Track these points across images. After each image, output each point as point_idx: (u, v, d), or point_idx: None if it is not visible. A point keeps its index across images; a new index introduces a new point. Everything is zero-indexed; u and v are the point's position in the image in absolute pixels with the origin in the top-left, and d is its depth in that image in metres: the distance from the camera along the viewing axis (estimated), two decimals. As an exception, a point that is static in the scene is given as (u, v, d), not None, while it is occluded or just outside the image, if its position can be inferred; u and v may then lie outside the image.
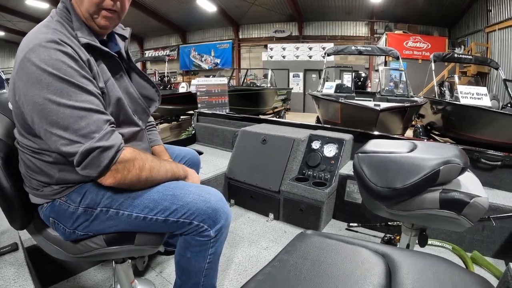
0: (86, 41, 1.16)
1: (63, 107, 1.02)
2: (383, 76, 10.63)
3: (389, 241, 2.26)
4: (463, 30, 15.48)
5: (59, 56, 1.04)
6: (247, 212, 2.94)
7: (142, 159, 1.19)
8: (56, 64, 1.03)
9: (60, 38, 1.08)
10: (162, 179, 1.29)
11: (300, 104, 17.25)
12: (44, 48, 1.03)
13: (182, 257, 1.37)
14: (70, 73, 1.04)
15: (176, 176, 1.36)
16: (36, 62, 1.01)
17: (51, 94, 1.01)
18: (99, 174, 1.09)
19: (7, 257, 1.58)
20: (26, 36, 1.11)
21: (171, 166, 1.36)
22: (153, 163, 1.24)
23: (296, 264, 0.86)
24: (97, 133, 1.05)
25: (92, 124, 1.05)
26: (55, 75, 1.02)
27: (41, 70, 1.01)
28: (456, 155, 1.33)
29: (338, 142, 2.84)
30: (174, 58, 22.92)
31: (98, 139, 1.05)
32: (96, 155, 1.05)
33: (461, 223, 1.32)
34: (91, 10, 1.18)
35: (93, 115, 1.06)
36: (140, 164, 1.18)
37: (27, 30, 7.35)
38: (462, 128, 6.50)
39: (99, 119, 1.07)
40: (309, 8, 17.38)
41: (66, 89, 1.03)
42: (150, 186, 1.26)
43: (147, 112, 1.46)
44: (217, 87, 7.56)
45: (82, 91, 1.06)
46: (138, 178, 1.18)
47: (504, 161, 2.50)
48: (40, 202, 1.27)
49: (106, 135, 1.07)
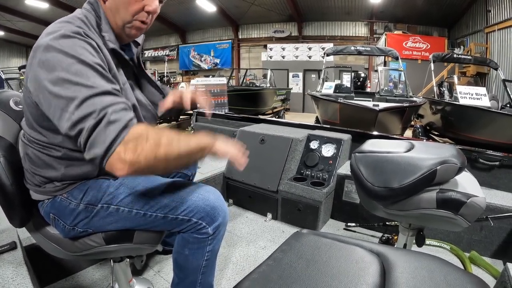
0: (113, 46, 1.20)
1: (80, 86, 0.99)
2: (383, 77, 10.62)
3: (387, 241, 2.26)
4: (463, 30, 15.50)
5: (83, 45, 1.05)
6: (245, 212, 2.94)
7: (157, 133, 1.04)
8: (79, 50, 1.03)
9: (85, 31, 1.09)
10: (187, 151, 1.10)
11: (300, 104, 17.26)
12: (69, 38, 1.04)
13: (180, 255, 1.38)
14: (91, 59, 1.04)
15: (202, 145, 1.16)
16: (59, 48, 1.01)
17: (71, 74, 0.99)
18: (105, 151, 0.97)
19: (5, 255, 1.58)
20: (46, 29, 1.10)
21: (191, 137, 1.15)
22: (170, 135, 1.07)
23: (290, 263, 0.86)
24: (107, 109, 0.99)
25: (106, 103, 1.00)
26: (76, 58, 1.01)
27: (63, 54, 1.01)
28: (453, 155, 1.33)
29: (336, 142, 2.84)
30: (173, 58, 22.92)
31: (107, 114, 0.99)
32: (102, 129, 0.97)
33: (458, 223, 1.32)
34: (126, 20, 1.22)
35: (109, 96, 1.02)
36: (155, 138, 1.02)
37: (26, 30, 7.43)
38: (461, 128, 6.51)
39: (114, 100, 1.03)
40: (308, 8, 17.38)
41: (86, 71, 1.01)
42: (176, 163, 1.13)
43: (156, 118, 1.48)
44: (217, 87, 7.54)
45: (101, 76, 1.04)
46: (155, 155, 1.01)
47: (503, 161, 2.50)
48: (41, 199, 1.28)
49: (116, 111, 1.01)
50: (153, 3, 1.24)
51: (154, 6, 1.24)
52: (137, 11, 1.21)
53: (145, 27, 1.29)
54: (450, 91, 8.26)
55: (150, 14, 1.26)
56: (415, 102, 7.46)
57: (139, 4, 1.20)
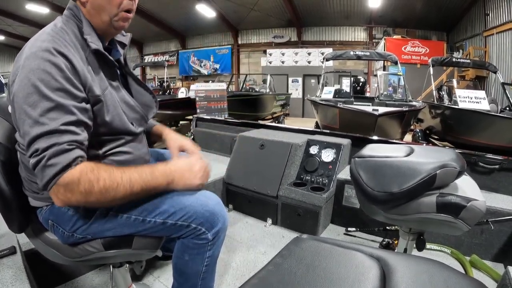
0: (96, 47, 1.21)
1: (31, 120, 1.02)
2: (382, 81, 10.65)
3: (387, 246, 2.26)
4: (461, 34, 15.56)
5: (46, 67, 1.05)
6: (245, 217, 2.93)
7: (90, 181, 1.06)
8: (41, 75, 1.04)
9: (55, 47, 1.08)
10: (125, 196, 1.13)
11: (299, 109, 17.28)
12: (36, 57, 1.06)
13: (180, 260, 1.38)
14: (52, 86, 1.05)
15: (149, 187, 1.19)
16: (26, 70, 1.04)
17: (27, 105, 1.03)
18: (43, 187, 1.05)
19: (4, 260, 1.58)
20: (29, 41, 1.14)
21: (143, 178, 1.17)
22: (107, 183, 1.09)
23: (290, 268, 0.85)
24: (48, 147, 1.02)
25: (48, 140, 1.02)
26: (36, 88, 1.03)
27: (27, 80, 1.03)
28: (453, 158, 1.33)
29: (336, 147, 2.84)
30: (173, 63, 22.98)
31: (46, 154, 1.02)
32: (40, 169, 1.03)
33: (458, 227, 1.31)
34: (112, 13, 1.23)
35: (54, 136, 1.03)
36: (87, 187, 1.05)
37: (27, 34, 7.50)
38: (461, 132, 6.51)
39: (58, 139, 1.03)
40: (307, 14, 17.46)
41: (41, 104, 1.03)
42: (113, 204, 1.17)
43: (145, 119, 1.46)
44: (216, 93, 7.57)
45: (55, 109, 1.04)
46: (85, 201, 1.08)
47: (502, 165, 2.50)
48: (39, 205, 1.28)
49: (56, 152, 1.02)
50: None
51: (128, 4, 1.25)
52: (120, 1, 1.22)
53: (131, 16, 1.30)
54: (450, 95, 8.28)
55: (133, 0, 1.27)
56: (414, 106, 7.46)
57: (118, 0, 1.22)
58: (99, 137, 1.23)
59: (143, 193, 1.19)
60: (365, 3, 14.68)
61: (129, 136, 1.34)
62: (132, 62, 21.13)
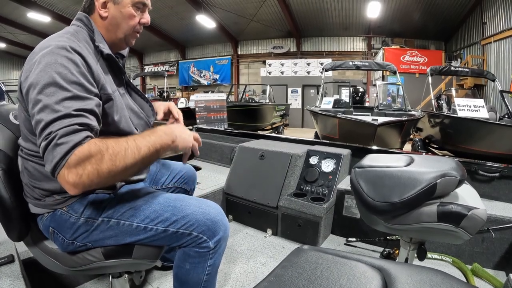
0: (108, 52, 1.31)
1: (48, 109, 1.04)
2: (381, 91, 10.70)
3: (388, 255, 2.25)
4: (459, 43, 15.66)
5: (63, 61, 1.10)
6: (245, 228, 2.92)
7: (99, 150, 1.05)
8: (58, 68, 1.08)
9: (71, 45, 1.14)
10: (135, 160, 1.12)
11: (299, 119, 17.31)
12: (52, 53, 1.10)
13: (181, 269, 1.38)
14: (69, 79, 1.08)
15: (157, 147, 1.18)
16: (43, 65, 1.08)
17: (44, 95, 1.05)
18: (51, 170, 1.02)
19: (2, 269, 1.58)
20: (42, 41, 1.19)
21: (148, 140, 1.17)
22: (116, 148, 1.08)
23: (292, 279, 0.85)
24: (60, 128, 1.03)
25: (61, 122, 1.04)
26: (53, 79, 1.06)
27: (44, 72, 1.07)
28: (453, 167, 1.33)
29: (335, 157, 2.84)
30: (173, 73, 23.05)
31: (56, 137, 1.02)
32: (50, 149, 1.01)
33: (459, 236, 1.31)
34: (128, 33, 1.39)
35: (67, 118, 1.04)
36: (97, 156, 1.04)
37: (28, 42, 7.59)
38: (461, 141, 6.52)
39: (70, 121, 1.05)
40: (307, 24, 17.59)
41: (57, 94, 1.05)
42: (126, 173, 1.13)
43: (149, 125, 1.51)
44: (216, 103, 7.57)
45: (71, 99, 1.07)
46: (97, 174, 1.04)
47: (502, 172, 2.50)
48: (40, 212, 1.29)
49: (66, 132, 1.03)
50: (147, 16, 1.42)
51: (148, 18, 1.43)
52: (136, 24, 1.38)
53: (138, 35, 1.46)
54: (448, 103, 8.29)
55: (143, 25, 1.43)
56: (413, 115, 7.49)
57: (137, 19, 1.37)
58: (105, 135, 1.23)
59: (151, 155, 1.17)
60: (364, 13, 14.80)
61: None
62: (132, 72, 21.29)
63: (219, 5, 16.36)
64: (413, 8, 14.37)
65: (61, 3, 15.57)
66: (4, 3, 14.73)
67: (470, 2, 13.38)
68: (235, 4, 16.13)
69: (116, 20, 1.34)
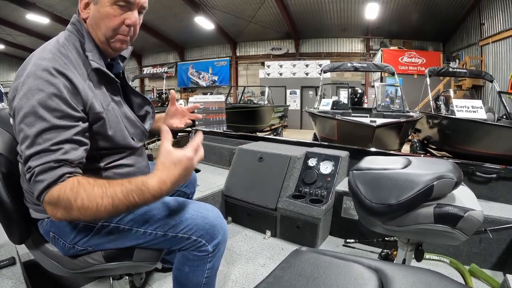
0: (97, 66, 1.22)
1: (28, 140, 1.05)
2: (379, 92, 10.72)
3: (386, 257, 2.26)
4: (457, 44, 15.69)
5: (45, 87, 1.07)
6: (244, 230, 2.93)
7: (68, 199, 1.02)
8: (39, 95, 1.06)
9: (55, 66, 1.10)
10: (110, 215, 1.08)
11: (297, 121, 17.34)
12: (35, 77, 1.07)
13: (180, 272, 1.38)
14: (48, 106, 1.06)
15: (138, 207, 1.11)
16: (25, 88, 1.07)
17: (25, 125, 1.05)
18: (37, 201, 1.08)
19: (4, 271, 1.59)
20: (31, 55, 1.16)
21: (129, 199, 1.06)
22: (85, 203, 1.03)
23: (290, 281, 0.86)
24: (37, 165, 1.04)
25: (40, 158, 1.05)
26: (33, 108, 1.05)
27: (26, 99, 1.06)
28: (450, 169, 1.35)
29: (334, 159, 2.85)
30: (172, 75, 22.98)
31: (34, 174, 1.04)
32: (32, 184, 1.05)
33: (456, 237, 1.33)
34: (108, 35, 1.24)
35: (44, 155, 1.05)
36: (66, 205, 1.02)
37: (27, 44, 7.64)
38: (459, 142, 6.52)
39: (47, 158, 1.05)
40: (305, 26, 17.59)
41: (35, 123, 1.05)
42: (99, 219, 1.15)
43: (146, 134, 1.48)
44: (215, 105, 7.56)
45: (49, 130, 1.06)
46: (68, 216, 1.05)
47: (500, 174, 2.52)
48: (40, 217, 1.30)
49: (42, 170, 1.04)
50: (132, 16, 1.25)
51: (134, 19, 1.25)
52: (117, 26, 1.23)
53: (128, 39, 1.31)
54: (447, 104, 8.30)
55: (132, 27, 1.27)
56: (412, 116, 7.49)
57: (118, 19, 1.22)
58: (100, 151, 1.25)
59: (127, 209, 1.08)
60: (362, 15, 14.80)
61: (130, 150, 1.37)
62: (131, 73, 21.25)
63: (217, 7, 16.35)
64: (411, 9, 14.39)
65: (60, 5, 15.55)
66: (3, 4, 14.69)
67: (468, 3, 13.40)
68: (234, 6, 16.13)
69: (95, 20, 1.23)
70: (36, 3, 15.12)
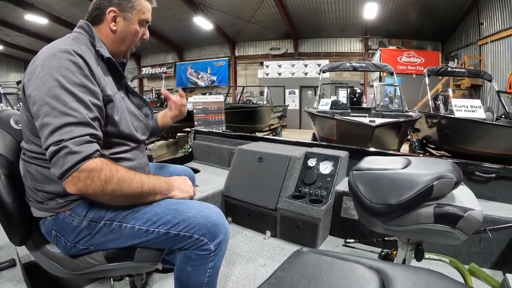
0: (108, 55, 1.36)
1: (56, 112, 1.09)
2: (378, 92, 10.69)
3: (386, 256, 2.26)
4: (456, 43, 15.70)
5: (67, 65, 1.15)
6: (244, 230, 2.94)
7: (111, 170, 1.15)
8: (62, 71, 1.13)
9: (74, 49, 1.19)
10: (135, 193, 1.24)
11: (296, 121, 17.34)
12: (56, 57, 1.15)
13: (182, 271, 1.39)
14: (73, 81, 1.14)
15: (155, 191, 1.32)
16: (47, 68, 1.13)
17: (50, 97, 1.10)
18: (60, 175, 1.09)
19: (4, 273, 1.59)
20: (45, 46, 1.24)
21: (151, 181, 1.30)
22: (125, 175, 1.20)
23: (292, 281, 0.87)
24: (73, 137, 1.09)
25: (73, 130, 1.10)
26: (58, 82, 1.11)
27: (49, 76, 1.12)
28: (449, 169, 1.36)
29: (333, 159, 2.85)
30: (171, 75, 22.96)
31: (70, 142, 1.08)
32: (62, 156, 1.07)
33: (456, 237, 1.34)
34: (129, 47, 1.50)
35: (78, 127, 1.11)
36: (107, 175, 1.14)
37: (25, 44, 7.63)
38: (458, 141, 6.52)
39: (81, 128, 1.12)
40: (304, 26, 17.58)
41: (64, 96, 1.11)
42: (122, 201, 1.25)
43: (148, 128, 1.57)
44: (214, 105, 7.56)
45: (78, 101, 1.13)
46: (102, 189, 1.14)
47: (499, 173, 2.52)
48: (43, 216, 1.31)
49: (80, 142, 1.10)
50: (147, 32, 1.53)
51: (148, 34, 1.54)
52: (138, 41, 1.50)
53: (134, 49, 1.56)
54: (446, 104, 8.30)
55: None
56: (411, 116, 7.49)
57: (140, 35, 1.48)
58: (107, 137, 1.29)
59: (149, 196, 1.30)
60: (361, 15, 14.80)
61: (133, 143, 1.43)
62: (130, 73, 21.24)
63: (216, 7, 16.33)
64: (410, 9, 14.39)
65: (58, 5, 15.53)
66: (1, 5, 14.65)
67: (466, 2, 13.41)
68: (233, 6, 16.11)
69: (123, 34, 1.42)
70: (34, 3, 15.08)
